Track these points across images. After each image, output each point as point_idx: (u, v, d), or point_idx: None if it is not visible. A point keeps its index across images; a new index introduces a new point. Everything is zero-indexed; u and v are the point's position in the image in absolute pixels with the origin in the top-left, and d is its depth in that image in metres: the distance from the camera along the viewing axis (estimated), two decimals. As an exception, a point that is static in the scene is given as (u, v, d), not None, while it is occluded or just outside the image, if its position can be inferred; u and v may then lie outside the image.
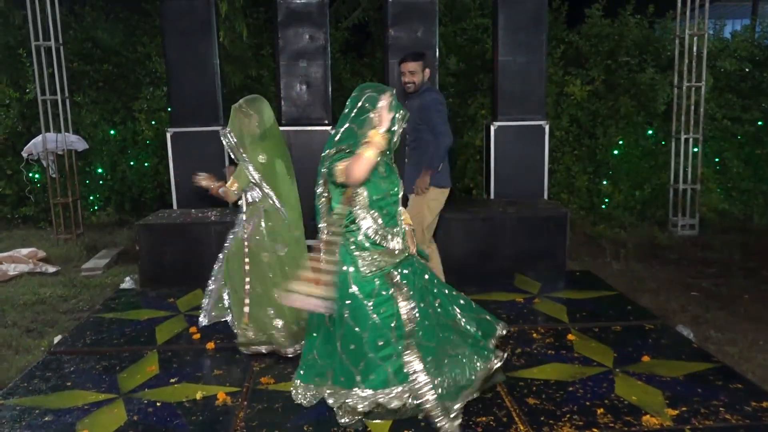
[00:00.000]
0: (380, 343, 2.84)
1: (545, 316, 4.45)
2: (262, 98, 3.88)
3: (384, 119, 2.71)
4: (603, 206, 7.91)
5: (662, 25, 8.51)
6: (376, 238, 2.88)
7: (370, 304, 2.84)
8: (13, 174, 8.18)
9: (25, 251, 6.46)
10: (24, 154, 7.62)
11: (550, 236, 5.60)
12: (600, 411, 3.07)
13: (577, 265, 5.98)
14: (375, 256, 2.87)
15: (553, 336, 4.06)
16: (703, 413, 3.03)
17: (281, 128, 6.23)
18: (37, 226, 8.15)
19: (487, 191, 6.58)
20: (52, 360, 3.84)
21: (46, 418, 3.12)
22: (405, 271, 2.95)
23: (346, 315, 2.87)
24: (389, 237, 2.91)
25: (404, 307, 2.88)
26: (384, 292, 2.86)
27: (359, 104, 2.84)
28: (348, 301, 2.86)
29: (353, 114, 2.84)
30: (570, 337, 4.01)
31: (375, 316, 2.83)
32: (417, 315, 2.91)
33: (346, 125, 2.85)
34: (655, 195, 7.92)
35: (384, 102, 2.72)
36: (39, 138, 7.35)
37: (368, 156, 2.66)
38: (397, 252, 2.92)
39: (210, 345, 3.97)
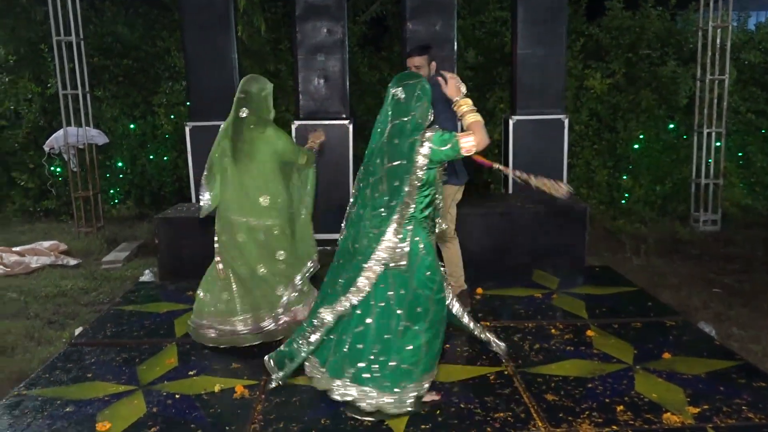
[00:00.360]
0: None
1: (564, 312, 4.41)
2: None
3: (456, 88, 2.95)
4: (623, 201, 7.82)
5: (685, 17, 8.38)
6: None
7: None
8: (36, 168, 8.28)
9: (46, 244, 6.55)
10: (46, 148, 7.72)
11: (569, 231, 5.55)
12: (620, 408, 3.04)
13: (596, 260, 5.92)
14: None
15: (571, 332, 4.03)
16: (726, 411, 2.99)
17: (299, 122, 6.31)
18: (59, 219, 8.25)
19: (505, 186, 6.54)
20: (73, 351, 3.89)
21: (67, 409, 3.17)
22: None
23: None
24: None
25: None
26: None
27: (416, 93, 2.87)
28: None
29: (413, 102, 2.86)
30: (589, 333, 3.98)
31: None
32: None
33: (410, 115, 2.85)
34: (676, 190, 7.81)
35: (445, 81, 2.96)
36: (60, 132, 7.44)
37: (481, 119, 2.87)
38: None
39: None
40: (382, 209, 2.87)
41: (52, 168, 8.21)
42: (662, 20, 8.06)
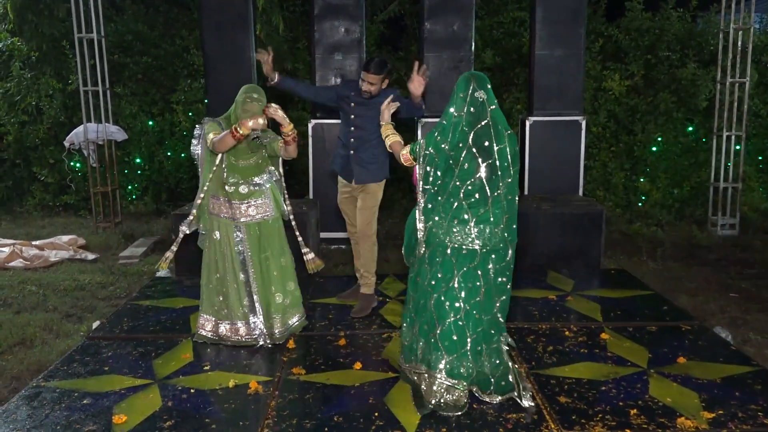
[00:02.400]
0: None
1: (578, 315, 4.39)
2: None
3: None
4: (640, 204, 7.77)
5: (705, 19, 8.30)
6: None
7: None
8: (56, 163, 8.40)
9: (65, 238, 6.64)
10: (66, 144, 7.82)
11: (585, 233, 5.52)
12: (633, 412, 3.03)
13: (612, 263, 5.89)
14: None
15: (586, 334, 4.01)
16: (741, 417, 2.97)
17: (315, 120, 6.34)
18: (78, 214, 8.36)
19: (521, 187, 6.52)
20: (91, 345, 3.95)
21: (85, 401, 3.21)
22: None
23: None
24: None
25: None
26: None
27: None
28: None
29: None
30: (603, 336, 3.96)
31: None
32: None
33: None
34: (694, 193, 7.74)
35: None
36: (80, 128, 7.53)
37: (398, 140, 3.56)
38: None
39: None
40: None
41: (71, 163, 8.32)
42: (683, 22, 8.00)
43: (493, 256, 3.04)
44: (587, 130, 6.75)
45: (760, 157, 7.86)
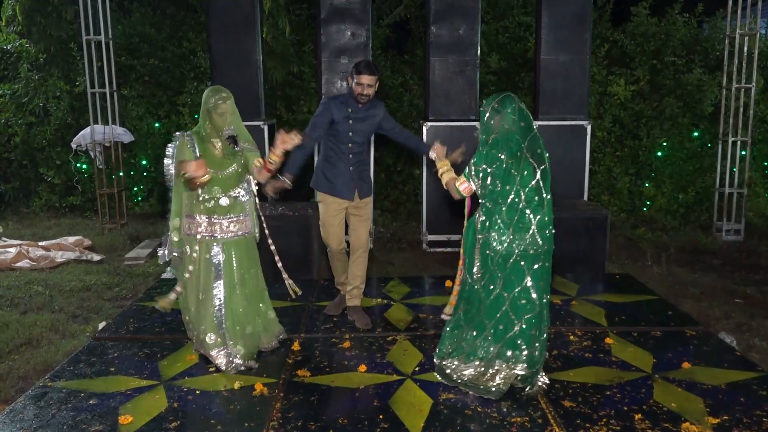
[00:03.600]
0: None
1: (583, 319, 4.39)
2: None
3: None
4: (645, 209, 7.76)
5: (711, 25, 8.30)
6: None
7: None
8: (62, 164, 8.44)
9: (71, 239, 6.67)
10: (73, 145, 7.87)
11: (590, 238, 5.52)
12: (638, 416, 3.03)
13: (616, 268, 5.89)
14: None
15: (590, 339, 4.02)
16: (746, 423, 2.96)
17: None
18: (84, 215, 8.39)
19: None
20: (97, 345, 3.97)
21: (91, 402, 3.23)
22: None
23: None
24: None
25: None
26: None
27: None
28: None
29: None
30: (608, 340, 3.96)
31: None
32: None
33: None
34: (699, 198, 7.73)
35: None
36: (87, 130, 7.57)
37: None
38: None
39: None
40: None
41: (78, 165, 8.36)
42: (689, 27, 8.00)
43: (549, 254, 3.33)
44: (592, 134, 6.76)
45: (765, 163, 7.85)
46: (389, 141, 4.71)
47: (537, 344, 3.28)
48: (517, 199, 3.19)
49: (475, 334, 3.35)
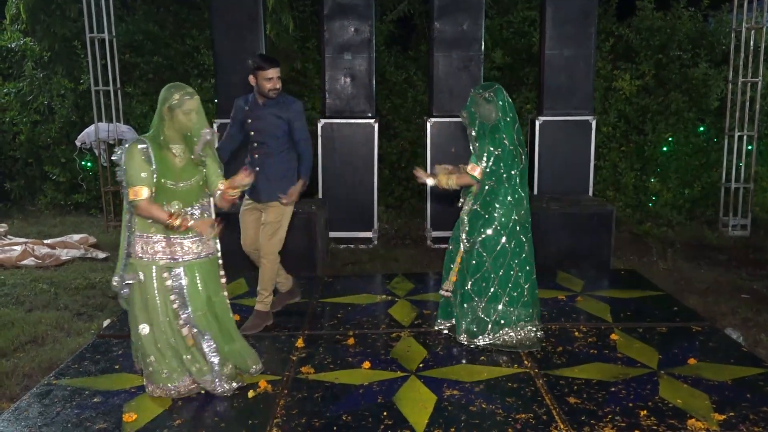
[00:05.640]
0: None
1: (588, 315, 4.38)
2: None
3: None
4: (650, 204, 7.72)
5: (717, 18, 8.23)
6: None
7: None
8: (67, 162, 8.46)
9: (76, 237, 6.68)
10: (77, 143, 7.88)
11: (595, 233, 5.50)
12: (643, 413, 3.01)
13: (622, 263, 5.86)
14: None
15: (595, 335, 4.00)
16: (752, 419, 2.94)
17: (325, 120, 6.35)
18: (89, 212, 8.41)
19: (530, 187, 6.49)
20: (101, 343, 3.97)
21: (95, 399, 3.24)
22: None
23: None
24: None
25: None
26: None
27: None
28: None
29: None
30: (613, 336, 3.94)
31: None
32: None
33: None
34: (705, 193, 7.69)
35: None
36: (92, 127, 7.58)
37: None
38: None
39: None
40: None
41: (83, 163, 8.38)
42: (694, 21, 7.94)
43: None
44: (597, 129, 6.73)
45: (772, 158, 7.80)
46: (392, 137, 4.69)
47: (537, 303, 3.88)
48: (518, 179, 3.74)
49: (492, 304, 3.76)
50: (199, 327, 3.16)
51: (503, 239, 3.72)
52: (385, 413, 3.05)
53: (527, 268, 3.78)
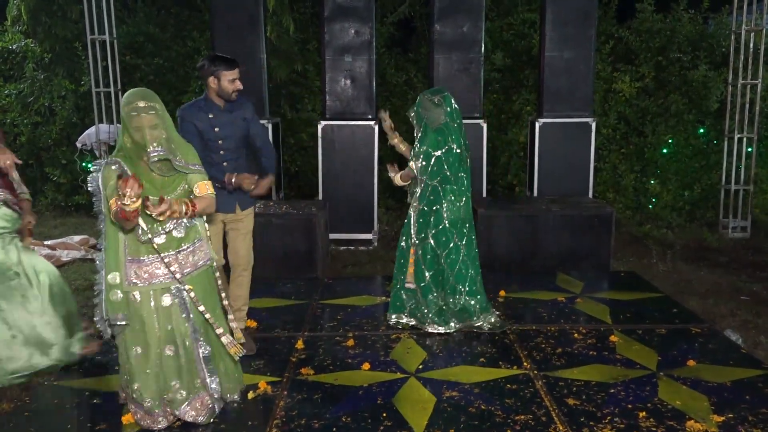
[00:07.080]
0: None
1: (587, 317, 4.38)
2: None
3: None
4: (650, 206, 7.73)
5: (717, 21, 8.24)
6: None
7: None
8: (68, 163, 8.47)
9: (77, 238, 6.69)
10: (78, 145, 7.89)
11: (595, 235, 5.51)
12: (642, 414, 3.02)
13: (621, 265, 5.86)
14: None
15: (595, 337, 4.01)
16: (751, 421, 2.95)
17: (325, 122, 6.36)
18: (90, 214, 8.39)
19: (530, 189, 6.51)
20: (102, 344, 3.97)
21: (95, 401, 3.24)
22: None
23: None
24: None
25: None
26: None
27: None
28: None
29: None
30: (612, 338, 3.95)
31: None
32: None
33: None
34: (705, 195, 7.69)
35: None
36: (92, 129, 7.59)
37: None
38: None
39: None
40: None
41: (83, 164, 8.38)
42: (694, 23, 7.95)
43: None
44: (597, 131, 6.74)
45: (772, 160, 7.80)
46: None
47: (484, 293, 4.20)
48: (465, 181, 4.02)
49: (453, 296, 4.07)
50: (211, 347, 3.01)
51: (454, 236, 4.01)
52: (384, 414, 3.06)
53: (476, 262, 4.14)
